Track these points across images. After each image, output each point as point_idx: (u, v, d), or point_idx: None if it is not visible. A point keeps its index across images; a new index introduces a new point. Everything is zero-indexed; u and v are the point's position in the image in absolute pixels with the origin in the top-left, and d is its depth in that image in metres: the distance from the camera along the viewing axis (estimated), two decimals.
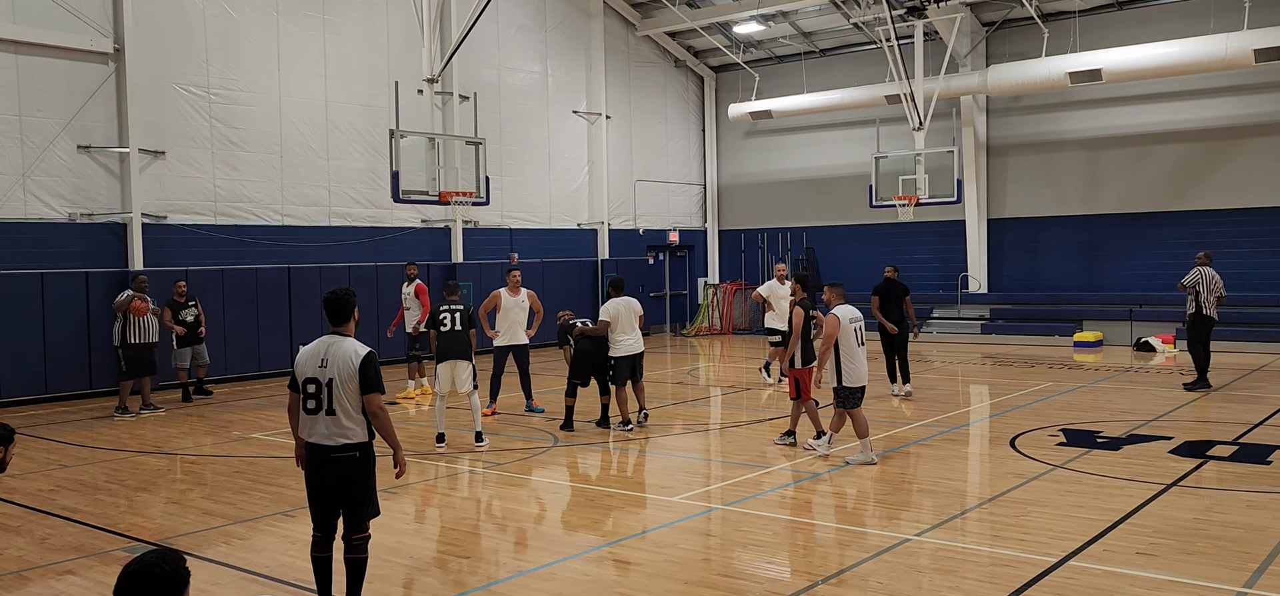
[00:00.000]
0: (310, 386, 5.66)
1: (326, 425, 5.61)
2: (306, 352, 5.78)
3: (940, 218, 23.54)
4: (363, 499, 5.75)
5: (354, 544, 5.76)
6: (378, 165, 19.60)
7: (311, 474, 5.74)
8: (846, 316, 9.83)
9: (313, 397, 5.65)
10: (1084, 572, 6.34)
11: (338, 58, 19.45)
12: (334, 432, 5.61)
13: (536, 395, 14.04)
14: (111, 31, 16.29)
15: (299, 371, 5.74)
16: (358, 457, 5.68)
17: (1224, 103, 20.96)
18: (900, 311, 14.47)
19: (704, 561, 6.99)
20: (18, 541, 7.71)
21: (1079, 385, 15.20)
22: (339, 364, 5.64)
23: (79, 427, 13.08)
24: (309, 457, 5.73)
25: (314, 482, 5.75)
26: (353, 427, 5.64)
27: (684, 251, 28.08)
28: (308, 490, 5.81)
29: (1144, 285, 21.66)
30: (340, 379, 5.62)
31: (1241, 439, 10.70)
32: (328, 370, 5.64)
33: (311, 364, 5.69)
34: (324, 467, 5.66)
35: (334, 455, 5.63)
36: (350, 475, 5.68)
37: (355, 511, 5.75)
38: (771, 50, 26.49)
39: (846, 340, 9.79)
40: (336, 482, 5.69)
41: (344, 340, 5.76)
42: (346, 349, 5.70)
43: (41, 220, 15.75)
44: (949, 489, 9.01)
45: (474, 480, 9.89)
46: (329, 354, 5.69)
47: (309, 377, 5.67)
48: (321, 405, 5.63)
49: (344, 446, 5.62)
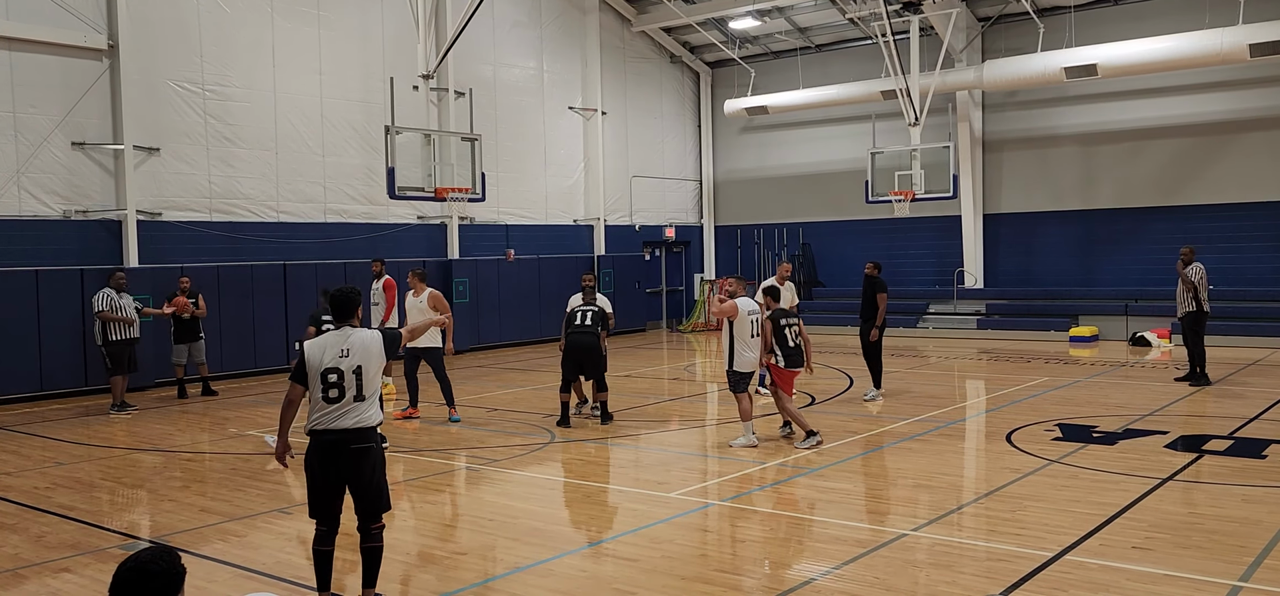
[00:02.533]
0: (332, 376, 5.65)
1: (355, 412, 5.65)
2: (321, 345, 5.76)
3: (936, 213, 23.57)
4: (382, 487, 5.83)
5: (372, 533, 5.80)
6: (373, 161, 19.58)
7: (325, 466, 5.70)
8: (745, 308, 10.51)
9: (335, 387, 5.65)
10: (1080, 567, 6.36)
11: (332, 54, 19.41)
12: (360, 418, 5.65)
13: (524, 390, 13.98)
14: (105, 27, 16.25)
15: (315, 363, 5.69)
16: (376, 445, 5.76)
17: (1219, 97, 21.00)
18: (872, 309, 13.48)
19: (701, 557, 6.99)
20: (14, 539, 7.69)
21: (1075, 380, 15.23)
22: (363, 350, 5.72)
23: (74, 425, 13.05)
24: (323, 449, 5.68)
25: (328, 474, 5.71)
26: (375, 412, 5.75)
27: (680, 247, 28.09)
28: (317, 483, 5.75)
29: (1139, 280, 21.71)
30: (368, 363, 5.71)
31: (1237, 433, 10.72)
32: (352, 358, 5.68)
33: (331, 354, 5.70)
34: (341, 459, 5.66)
35: (354, 446, 5.65)
36: (371, 463, 5.73)
37: (375, 500, 5.78)
38: (767, 46, 26.48)
39: (741, 328, 10.45)
40: (354, 474, 5.70)
41: (358, 330, 5.84)
42: (365, 335, 5.80)
43: (36, 217, 15.71)
44: (945, 483, 9.02)
45: (470, 476, 9.89)
46: (350, 343, 5.73)
47: (330, 367, 5.65)
48: (346, 392, 5.65)
49: (365, 431, 5.67)
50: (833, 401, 13.64)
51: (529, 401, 14.47)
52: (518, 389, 15.76)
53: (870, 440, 10.83)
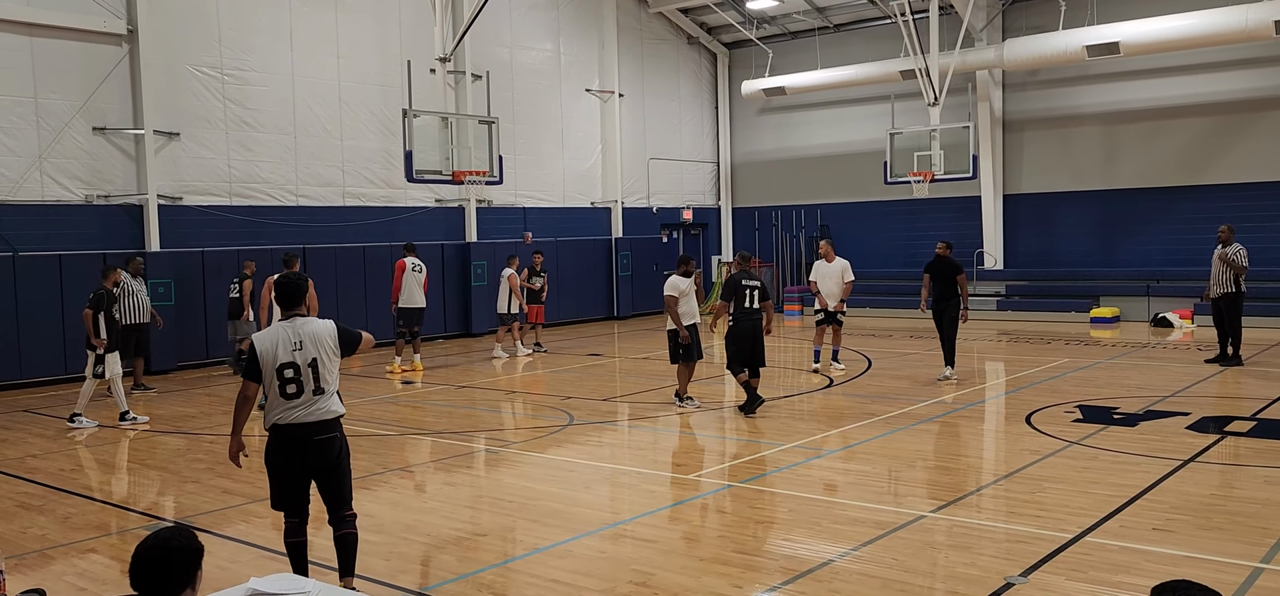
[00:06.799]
0: (288, 371, 5.48)
1: (316, 406, 5.52)
2: (270, 339, 5.54)
3: (955, 194, 23.41)
4: (348, 474, 5.74)
5: (346, 519, 5.69)
6: (391, 145, 19.63)
7: (290, 459, 5.56)
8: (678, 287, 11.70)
9: (293, 382, 5.49)
10: (1100, 548, 6.33)
11: (350, 37, 19.45)
12: (324, 410, 5.54)
13: (543, 372, 14.01)
14: (124, 13, 16.33)
15: (268, 360, 5.49)
16: (340, 435, 5.67)
17: (1243, 75, 20.73)
18: (950, 290, 13.51)
19: (720, 538, 7.01)
20: (41, 520, 7.80)
21: (1095, 361, 15.13)
22: (317, 342, 5.56)
23: (98, 408, 13.19)
24: (285, 443, 5.54)
25: (294, 467, 5.58)
26: (337, 403, 5.64)
27: (698, 229, 28.04)
28: (279, 477, 5.62)
29: (1161, 260, 21.51)
30: (324, 355, 5.57)
31: (1260, 414, 10.63)
32: (306, 351, 5.52)
33: (284, 349, 5.51)
34: (306, 450, 5.53)
35: (318, 436, 5.53)
36: (335, 452, 5.63)
37: (343, 488, 5.69)
38: (785, 26, 26.32)
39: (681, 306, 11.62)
40: (321, 463, 5.59)
41: (308, 320, 5.64)
42: (316, 326, 5.63)
43: (59, 202, 15.85)
44: (965, 465, 8.99)
45: (490, 458, 9.94)
46: (302, 335, 5.56)
47: (285, 363, 5.48)
48: (305, 387, 5.50)
49: (329, 422, 5.57)
50: (850, 384, 13.62)
51: (548, 383, 14.53)
52: (536, 371, 15.81)
53: (889, 422, 10.81)
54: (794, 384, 13.89)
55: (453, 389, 14.18)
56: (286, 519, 5.70)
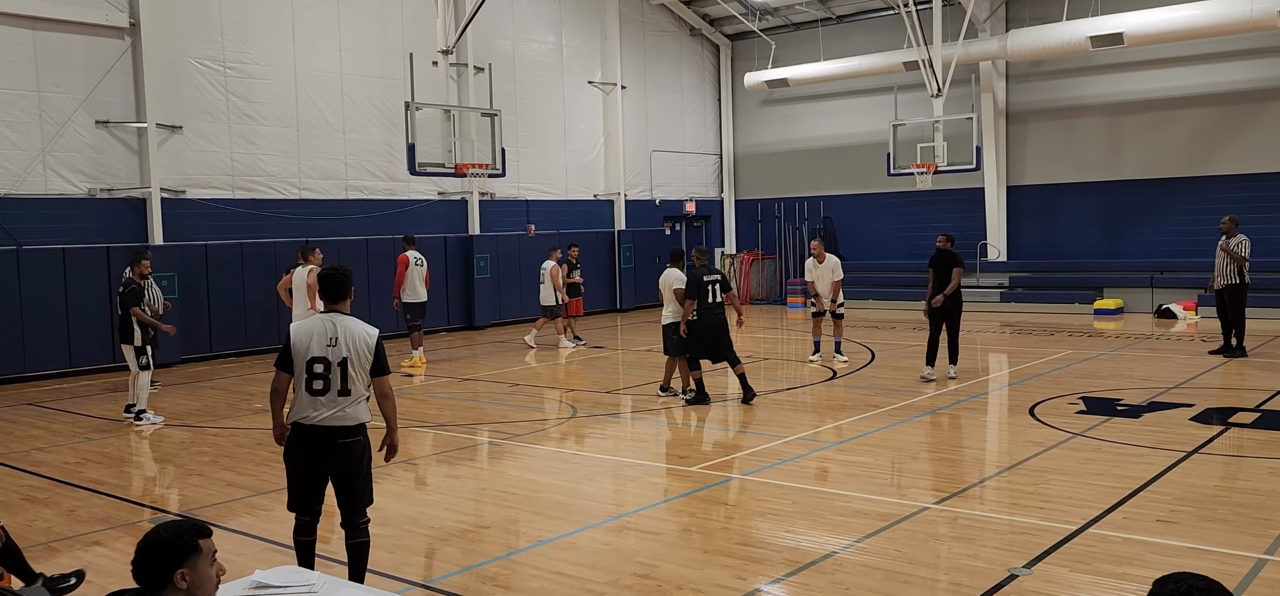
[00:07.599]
0: (318, 366, 5.33)
1: (338, 407, 5.35)
2: (307, 330, 5.41)
3: (959, 185, 23.36)
4: (367, 482, 5.58)
5: (359, 527, 5.56)
6: (394, 138, 19.62)
7: (309, 458, 5.43)
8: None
9: (320, 378, 5.33)
10: (1104, 540, 6.33)
11: (352, 30, 19.43)
12: (345, 414, 5.37)
13: (546, 365, 14.03)
14: (127, 6, 16.32)
15: (300, 351, 5.36)
16: (362, 441, 5.50)
17: (1247, 66, 20.65)
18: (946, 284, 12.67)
19: (723, 530, 7.01)
20: (46, 513, 7.82)
21: (1099, 353, 15.12)
22: (353, 343, 5.38)
23: (102, 400, 13.22)
24: (306, 442, 5.40)
25: (312, 467, 5.45)
26: (361, 409, 5.45)
27: (701, 222, 28.02)
28: (298, 474, 5.50)
29: (1165, 251, 21.47)
30: (356, 359, 5.37)
31: (1264, 405, 10.62)
32: (339, 349, 5.36)
33: (319, 342, 5.36)
34: (327, 453, 5.39)
35: (341, 440, 5.38)
36: (356, 458, 5.46)
37: (360, 496, 5.54)
38: (788, 17, 26.26)
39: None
40: (341, 468, 5.44)
41: (350, 319, 5.48)
42: (358, 329, 5.44)
43: (62, 196, 15.86)
44: (968, 457, 8.99)
45: (493, 451, 9.95)
46: (339, 332, 5.39)
47: (316, 356, 5.34)
48: (331, 385, 5.34)
49: (352, 428, 5.41)
50: (852, 375, 13.62)
51: (551, 376, 14.53)
52: (540, 364, 15.82)
53: (892, 413, 10.81)
54: (797, 376, 13.89)
55: (455, 382, 14.20)
56: (298, 517, 5.62)
